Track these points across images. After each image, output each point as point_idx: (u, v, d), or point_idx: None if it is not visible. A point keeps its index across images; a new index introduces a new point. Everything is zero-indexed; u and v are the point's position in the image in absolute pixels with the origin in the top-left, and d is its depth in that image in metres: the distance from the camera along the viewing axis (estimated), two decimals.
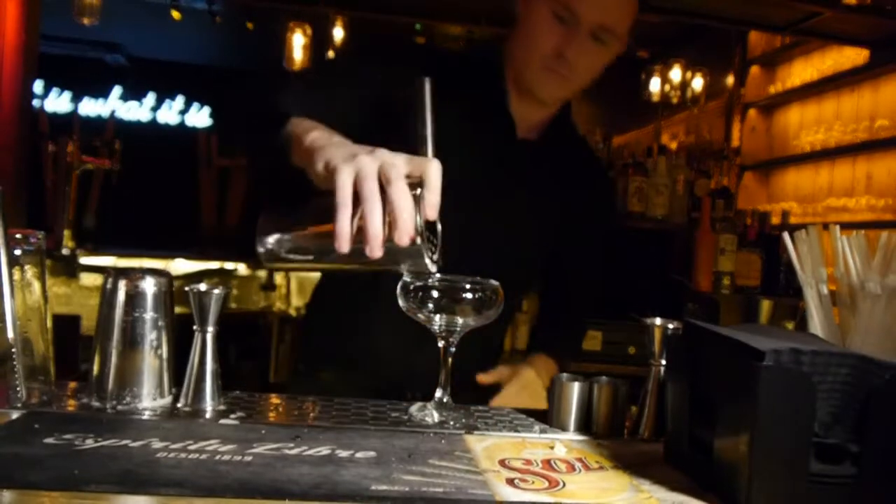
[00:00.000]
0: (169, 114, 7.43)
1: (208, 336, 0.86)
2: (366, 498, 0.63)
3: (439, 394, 0.93)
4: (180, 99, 7.43)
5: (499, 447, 0.81)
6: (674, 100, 4.57)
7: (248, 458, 0.70)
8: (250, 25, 4.19)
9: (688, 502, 0.70)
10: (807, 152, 3.77)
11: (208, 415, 0.85)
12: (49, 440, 0.72)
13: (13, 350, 0.83)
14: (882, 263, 0.83)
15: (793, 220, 3.45)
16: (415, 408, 0.94)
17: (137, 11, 5.11)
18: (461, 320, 0.89)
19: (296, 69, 4.06)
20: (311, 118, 0.95)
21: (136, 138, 5.06)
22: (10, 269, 0.82)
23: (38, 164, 3.59)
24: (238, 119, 1.13)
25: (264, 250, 0.86)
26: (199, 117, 7.43)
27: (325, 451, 0.74)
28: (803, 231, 0.92)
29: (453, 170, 0.81)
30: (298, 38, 4.16)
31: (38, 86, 6.47)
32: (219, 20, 4.56)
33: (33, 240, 0.88)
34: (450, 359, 0.92)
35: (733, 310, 2.90)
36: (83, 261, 3.36)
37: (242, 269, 3.84)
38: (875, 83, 3.44)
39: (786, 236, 0.94)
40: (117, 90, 7.29)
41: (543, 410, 0.97)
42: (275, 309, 3.76)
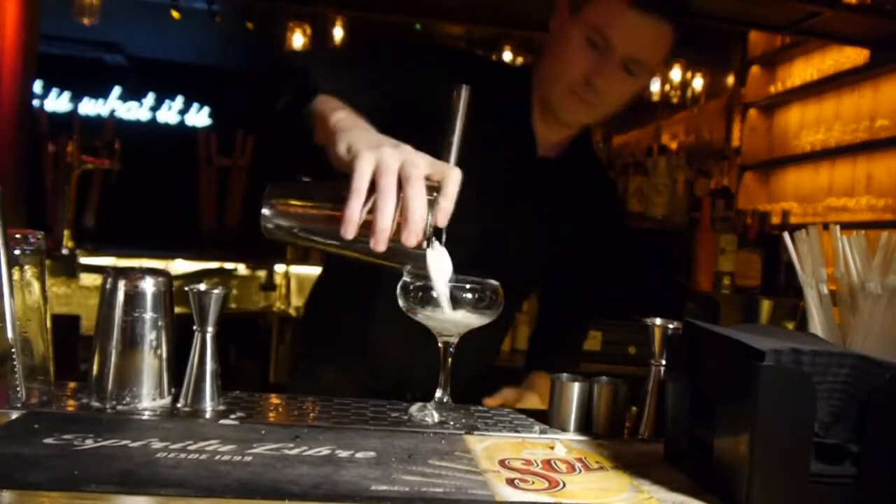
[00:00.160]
0: (168, 114, 7.42)
1: (208, 336, 0.86)
2: (366, 498, 0.63)
3: (439, 394, 0.93)
4: (180, 99, 7.42)
5: (499, 447, 0.81)
6: (674, 100, 4.56)
7: (248, 459, 0.70)
8: (250, 25, 4.18)
9: (688, 502, 0.70)
10: (807, 152, 3.77)
11: (208, 415, 0.85)
12: (49, 440, 0.72)
13: (13, 350, 0.83)
14: (882, 263, 0.83)
15: (793, 219, 3.45)
16: (415, 408, 0.94)
17: (137, 11, 5.11)
18: (462, 320, 0.89)
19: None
20: (338, 96, 0.94)
21: (135, 138, 5.07)
22: (9, 269, 0.82)
23: (38, 164, 3.59)
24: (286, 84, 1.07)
25: (269, 213, 0.84)
26: (199, 117, 7.42)
27: (324, 451, 0.74)
28: (803, 231, 0.92)
29: (470, 179, 0.80)
30: (298, 38, 4.16)
31: (37, 86, 6.46)
32: (219, 20, 4.55)
33: (33, 240, 0.88)
34: (450, 359, 0.92)
35: (733, 310, 2.90)
36: (83, 261, 3.36)
37: (242, 269, 3.84)
38: (875, 83, 3.44)
39: (786, 236, 0.94)
40: (117, 90, 7.28)
41: (543, 411, 0.97)
42: (275, 309, 3.76)
